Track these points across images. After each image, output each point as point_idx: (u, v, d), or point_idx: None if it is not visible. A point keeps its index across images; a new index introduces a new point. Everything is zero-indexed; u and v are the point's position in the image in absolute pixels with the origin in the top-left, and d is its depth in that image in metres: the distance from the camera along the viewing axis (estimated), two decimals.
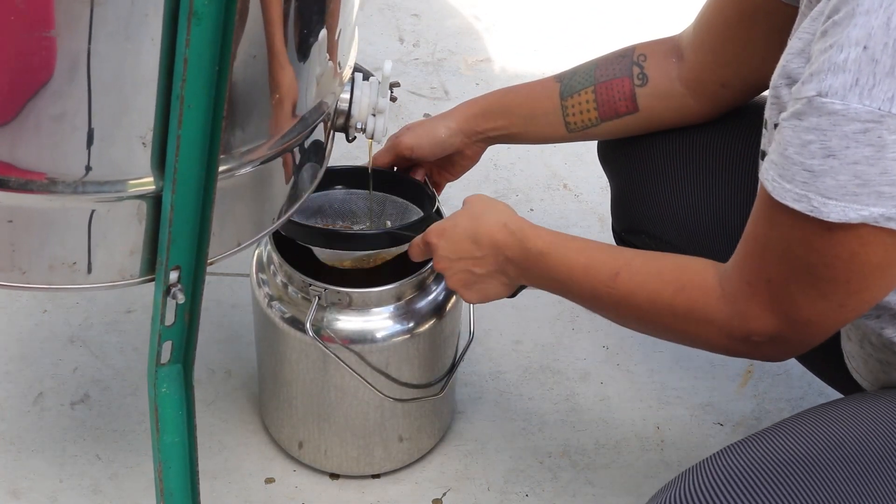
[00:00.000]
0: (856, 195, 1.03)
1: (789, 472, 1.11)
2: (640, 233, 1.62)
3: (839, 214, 1.04)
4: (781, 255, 1.12)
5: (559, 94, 1.55)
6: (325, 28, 1.17)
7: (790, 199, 1.07)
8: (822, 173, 1.04)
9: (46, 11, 0.97)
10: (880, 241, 1.06)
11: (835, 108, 1.01)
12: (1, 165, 1.06)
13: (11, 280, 1.14)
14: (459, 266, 1.39)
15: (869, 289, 1.11)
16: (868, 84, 1.00)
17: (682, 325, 1.22)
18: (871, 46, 1.00)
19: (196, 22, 0.93)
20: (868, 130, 1.01)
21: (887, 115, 1.00)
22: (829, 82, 1.02)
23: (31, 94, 1.01)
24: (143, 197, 1.10)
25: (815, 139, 1.03)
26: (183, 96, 0.97)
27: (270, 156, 1.19)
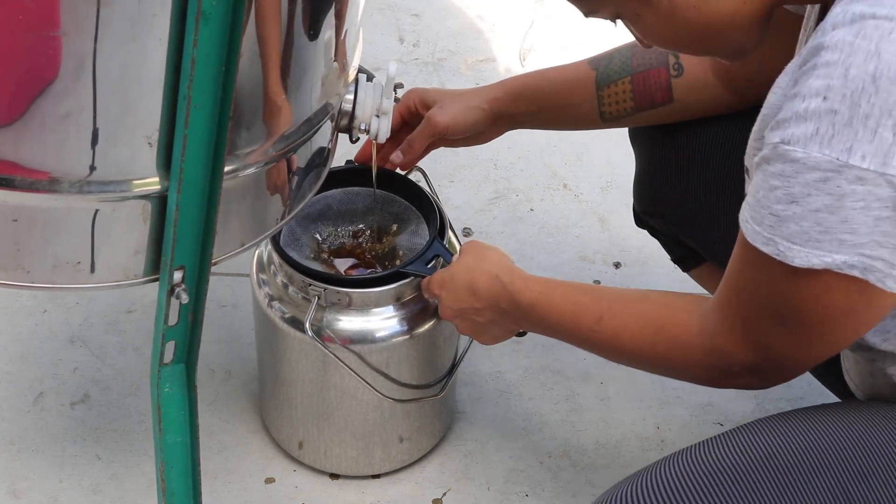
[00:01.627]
0: (819, 242, 1.05)
1: (716, 481, 1.14)
2: (658, 216, 1.63)
3: (803, 260, 1.06)
4: (753, 294, 1.14)
5: (595, 83, 1.55)
6: (331, 29, 1.17)
7: (759, 241, 1.09)
8: (786, 219, 1.06)
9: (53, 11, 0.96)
10: (843, 288, 1.07)
11: (797, 156, 1.03)
12: (6, 164, 1.06)
13: (16, 279, 1.14)
14: (464, 316, 1.46)
15: (834, 332, 1.13)
16: (827, 134, 1.02)
17: (666, 363, 1.27)
18: (830, 97, 1.01)
19: (204, 22, 0.93)
20: (827, 179, 1.02)
21: (845, 165, 1.01)
22: (791, 130, 1.03)
23: (38, 94, 1.01)
24: (148, 197, 1.10)
25: (780, 185, 1.05)
26: (190, 96, 0.97)
27: (275, 157, 1.19)
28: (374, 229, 1.63)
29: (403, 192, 1.63)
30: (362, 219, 1.64)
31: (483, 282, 1.41)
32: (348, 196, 1.65)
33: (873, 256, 1.05)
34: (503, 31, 2.56)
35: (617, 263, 2.04)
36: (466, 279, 1.43)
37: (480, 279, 1.42)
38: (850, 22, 1.02)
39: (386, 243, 1.62)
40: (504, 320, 1.43)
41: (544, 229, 2.09)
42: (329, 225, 1.64)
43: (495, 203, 2.15)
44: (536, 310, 1.37)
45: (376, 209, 1.64)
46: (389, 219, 1.64)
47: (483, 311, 1.43)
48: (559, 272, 2.01)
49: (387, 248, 1.62)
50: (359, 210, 1.65)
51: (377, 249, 1.62)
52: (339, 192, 1.64)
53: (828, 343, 1.15)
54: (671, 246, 1.70)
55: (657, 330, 1.25)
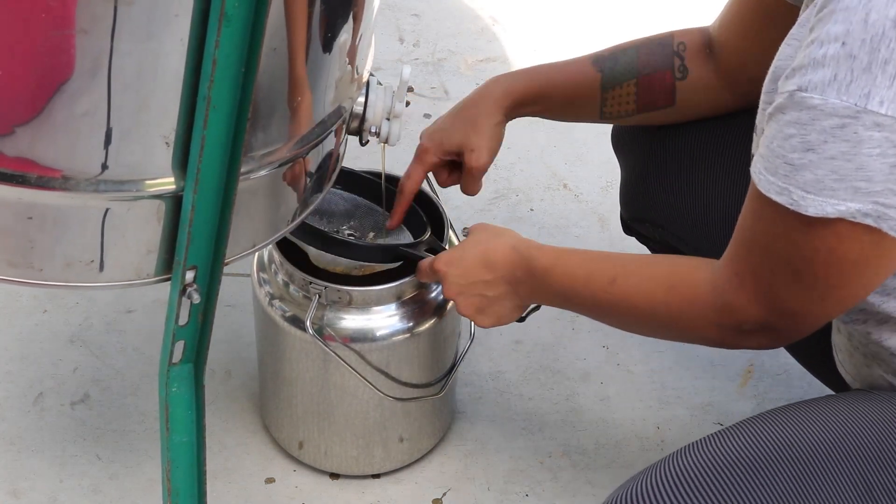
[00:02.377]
0: (833, 190, 1.05)
1: (734, 472, 1.13)
2: (646, 221, 1.63)
3: (816, 209, 1.06)
4: (765, 248, 1.14)
5: (600, 84, 1.54)
6: (348, 32, 1.17)
7: (773, 191, 1.09)
8: (801, 167, 1.06)
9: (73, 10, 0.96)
10: (857, 238, 1.08)
11: (814, 102, 1.03)
12: (23, 162, 1.05)
13: (28, 277, 1.14)
14: (471, 291, 1.42)
15: (847, 285, 1.13)
16: (846, 80, 1.02)
17: (678, 322, 1.26)
18: (849, 42, 1.01)
19: (227, 23, 0.93)
20: (845, 126, 1.02)
21: (863, 111, 1.01)
22: (809, 77, 1.03)
23: (57, 92, 1.01)
24: (163, 196, 1.10)
25: (796, 133, 1.05)
26: (209, 97, 0.97)
27: (288, 158, 1.19)
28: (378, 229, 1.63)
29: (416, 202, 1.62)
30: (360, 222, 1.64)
31: (499, 252, 1.40)
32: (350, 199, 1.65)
33: (887, 205, 1.05)
34: (503, 31, 2.57)
35: None
36: (479, 252, 1.41)
37: (496, 250, 1.40)
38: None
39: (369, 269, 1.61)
40: (515, 293, 1.40)
41: (544, 229, 2.09)
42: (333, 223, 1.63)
43: (495, 203, 2.15)
44: (551, 274, 1.35)
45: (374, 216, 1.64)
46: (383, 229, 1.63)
47: (494, 284, 1.40)
48: None
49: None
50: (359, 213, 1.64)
51: None
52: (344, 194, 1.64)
53: (841, 297, 1.14)
54: (661, 251, 1.70)
55: (669, 289, 1.25)
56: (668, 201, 1.57)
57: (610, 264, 1.32)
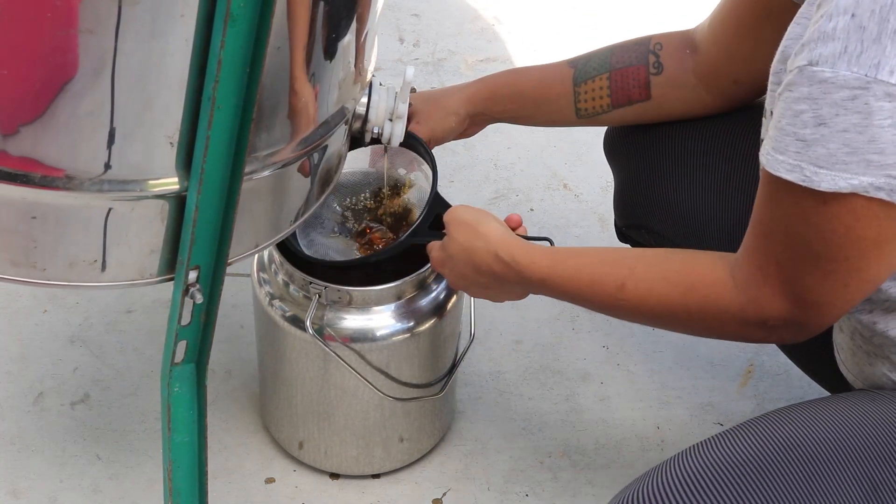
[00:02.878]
0: (846, 164, 1.04)
1: (741, 473, 1.13)
2: (640, 228, 1.62)
3: (829, 184, 1.05)
4: (784, 234, 1.13)
5: (573, 79, 1.55)
6: (352, 33, 1.17)
7: (783, 170, 1.08)
8: (813, 142, 1.05)
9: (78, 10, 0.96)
10: (873, 215, 1.07)
11: (825, 75, 1.03)
12: (28, 161, 1.05)
13: (31, 276, 1.14)
14: (473, 288, 1.43)
15: (868, 267, 1.12)
16: (856, 51, 1.01)
17: (698, 322, 1.24)
18: (859, 14, 1.01)
19: (232, 23, 0.93)
20: (856, 97, 1.02)
21: (873, 80, 1.01)
22: (819, 51, 1.03)
23: (62, 92, 1.00)
24: (166, 196, 1.10)
25: (807, 108, 1.05)
26: (215, 97, 0.97)
27: (292, 159, 1.19)
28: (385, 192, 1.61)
29: None
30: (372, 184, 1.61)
31: (483, 260, 1.36)
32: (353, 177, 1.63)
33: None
34: (503, 31, 2.57)
35: None
36: (465, 258, 1.38)
37: (479, 257, 1.37)
38: None
39: (401, 201, 1.60)
40: (511, 289, 1.40)
41: (544, 229, 2.09)
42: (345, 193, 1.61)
43: (495, 203, 2.15)
44: (549, 284, 1.33)
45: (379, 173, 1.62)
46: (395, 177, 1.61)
47: (490, 285, 1.40)
48: None
49: (401, 206, 1.60)
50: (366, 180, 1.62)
51: (394, 208, 1.60)
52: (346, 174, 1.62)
53: (863, 280, 1.13)
54: None
55: (687, 290, 1.23)
56: (661, 207, 1.56)
57: (615, 267, 1.29)
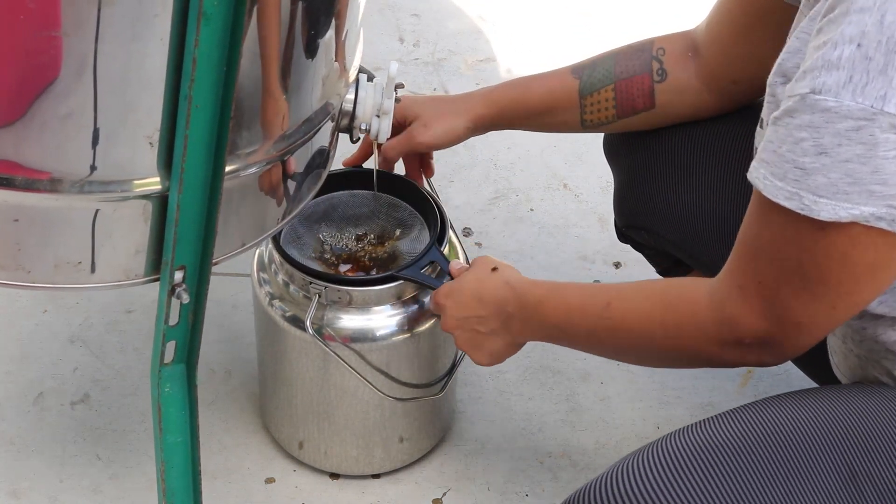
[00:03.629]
0: (847, 194, 1.04)
1: (721, 455, 1.13)
2: (640, 229, 1.62)
3: (830, 213, 1.05)
4: (773, 255, 1.12)
5: (578, 91, 1.54)
6: (332, 29, 1.17)
7: (782, 197, 1.07)
8: (813, 171, 1.04)
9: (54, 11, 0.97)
10: (871, 242, 1.06)
11: (828, 105, 1.02)
12: (8, 164, 1.06)
13: (16, 279, 1.14)
14: (466, 326, 1.42)
15: (860, 291, 1.11)
16: (861, 81, 1.01)
17: (676, 341, 1.23)
18: (865, 44, 1.00)
19: (205, 22, 0.93)
20: (860, 128, 1.01)
21: (879, 112, 1.00)
22: (822, 79, 1.02)
23: (39, 93, 1.01)
24: (149, 197, 1.10)
25: (808, 136, 1.04)
26: (191, 96, 0.97)
27: (276, 157, 1.19)
28: (376, 233, 1.63)
29: (407, 196, 1.63)
30: (365, 222, 1.64)
31: (491, 288, 1.39)
32: (354, 199, 1.65)
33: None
34: (503, 31, 2.56)
35: (617, 263, 2.04)
36: (474, 287, 1.41)
37: (489, 285, 1.40)
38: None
39: (387, 247, 1.62)
40: (507, 329, 1.39)
41: (544, 229, 2.09)
42: (332, 226, 1.64)
43: (495, 203, 2.15)
44: (544, 306, 1.34)
45: (380, 213, 1.64)
46: (392, 223, 1.63)
47: (487, 320, 1.40)
48: (559, 272, 2.01)
49: (388, 252, 1.62)
50: (363, 214, 1.64)
51: (378, 253, 1.62)
52: (346, 195, 1.64)
53: (852, 303, 1.12)
54: (656, 258, 1.70)
55: (666, 307, 1.23)
56: (662, 208, 1.56)
57: (604, 290, 1.31)
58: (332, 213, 1.64)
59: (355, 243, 1.62)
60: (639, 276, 1.99)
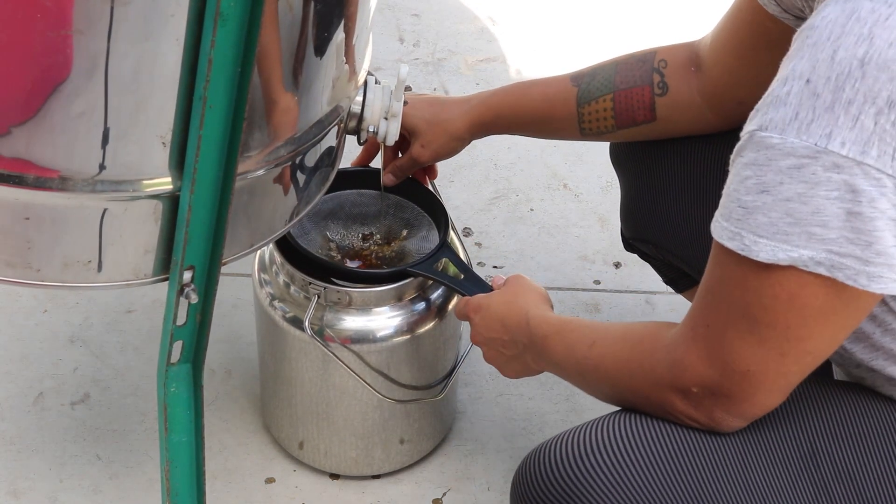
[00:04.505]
0: (787, 234, 1.01)
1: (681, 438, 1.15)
2: (648, 242, 1.61)
3: (768, 254, 1.02)
4: (721, 297, 1.08)
5: (576, 100, 1.52)
6: (344, 31, 1.17)
7: (725, 237, 1.05)
8: (754, 209, 1.02)
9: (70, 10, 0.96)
10: (819, 283, 1.02)
11: (772, 142, 0.99)
12: (20, 163, 1.05)
13: (26, 277, 1.14)
14: (492, 346, 1.42)
15: (811, 337, 1.06)
16: (807, 119, 0.98)
17: (634, 383, 1.18)
18: (814, 80, 0.98)
19: (222, 23, 0.93)
20: (802, 167, 0.98)
21: (823, 151, 0.97)
22: (770, 116, 1.00)
23: (53, 93, 1.01)
24: (160, 196, 1.10)
25: (752, 174, 1.01)
26: (206, 97, 0.97)
27: (286, 158, 1.19)
28: (383, 233, 1.63)
29: (414, 196, 1.63)
30: (373, 222, 1.64)
31: (513, 317, 1.37)
32: (362, 198, 1.65)
33: (842, 253, 1.01)
34: (503, 31, 2.57)
35: (617, 263, 2.04)
36: (501, 311, 1.40)
37: (511, 313, 1.38)
38: (845, 1, 0.98)
39: (394, 246, 1.62)
40: (524, 356, 1.38)
41: (544, 229, 2.09)
42: (340, 224, 1.64)
43: (495, 203, 2.15)
44: (547, 342, 1.31)
45: (388, 213, 1.64)
46: (400, 223, 1.63)
47: (508, 345, 1.39)
48: (559, 272, 2.01)
49: (395, 251, 1.62)
50: (370, 213, 1.64)
51: (385, 252, 1.62)
52: (354, 194, 1.65)
53: (804, 351, 1.07)
54: (662, 269, 1.69)
55: (633, 348, 1.19)
56: (668, 223, 1.55)
57: (594, 329, 1.27)
58: (338, 212, 1.64)
59: (362, 242, 1.62)
60: (639, 276, 2.00)
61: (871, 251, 1.00)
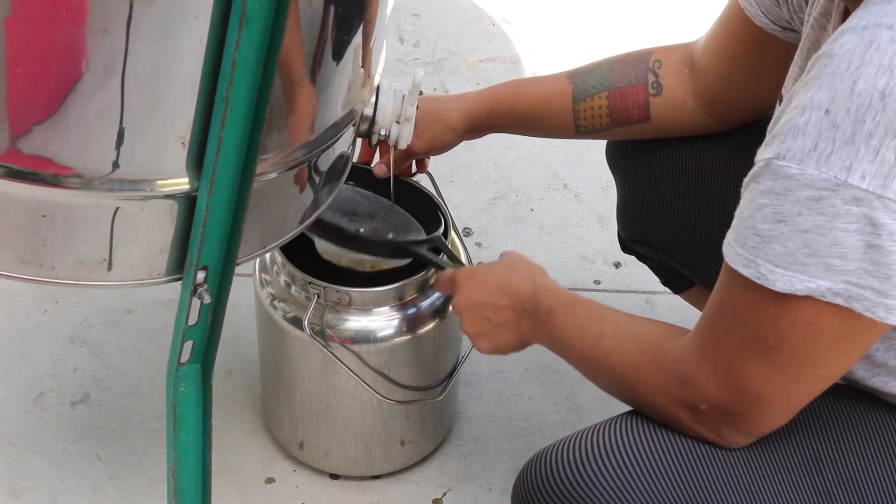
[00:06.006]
0: (804, 265, 1.00)
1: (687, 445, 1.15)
2: (645, 244, 1.62)
3: (785, 284, 1.01)
4: (733, 320, 1.08)
5: (572, 96, 1.53)
6: (362, 35, 1.17)
7: (740, 263, 1.04)
8: (771, 239, 1.01)
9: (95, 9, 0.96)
10: (833, 313, 1.02)
11: (790, 172, 0.98)
12: (40, 160, 1.05)
13: (39, 275, 1.13)
14: (478, 311, 1.38)
15: (826, 363, 1.06)
16: (826, 150, 0.96)
17: (641, 388, 1.18)
18: (834, 111, 0.96)
19: (247, 24, 0.93)
20: (821, 199, 0.97)
21: (843, 184, 0.96)
22: (787, 145, 0.98)
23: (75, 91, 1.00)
24: (176, 196, 1.10)
25: (769, 203, 1.00)
26: (228, 98, 0.97)
27: (301, 160, 1.19)
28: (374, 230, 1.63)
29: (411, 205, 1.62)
30: (363, 221, 1.63)
31: (518, 281, 1.35)
32: (356, 196, 1.64)
33: (861, 285, 1.00)
34: (503, 31, 2.57)
35: (617, 263, 2.05)
36: (503, 275, 1.37)
37: (517, 278, 1.36)
38: (863, 29, 0.97)
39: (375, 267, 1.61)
40: (518, 326, 1.36)
41: (544, 229, 2.10)
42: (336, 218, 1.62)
43: (495, 203, 2.15)
44: (552, 317, 1.31)
45: (378, 215, 1.63)
46: (389, 227, 1.62)
47: (503, 311, 1.37)
48: (559, 272, 2.02)
49: None
50: (362, 211, 1.64)
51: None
52: (348, 189, 1.63)
53: (816, 377, 1.08)
54: (660, 270, 1.69)
55: (642, 351, 1.18)
56: (665, 225, 1.55)
57: (603, 319, 1.26)
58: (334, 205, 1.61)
59: None
60: (639, 276, 2.01)
61: (889, 284, 1.00)
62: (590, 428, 1.18)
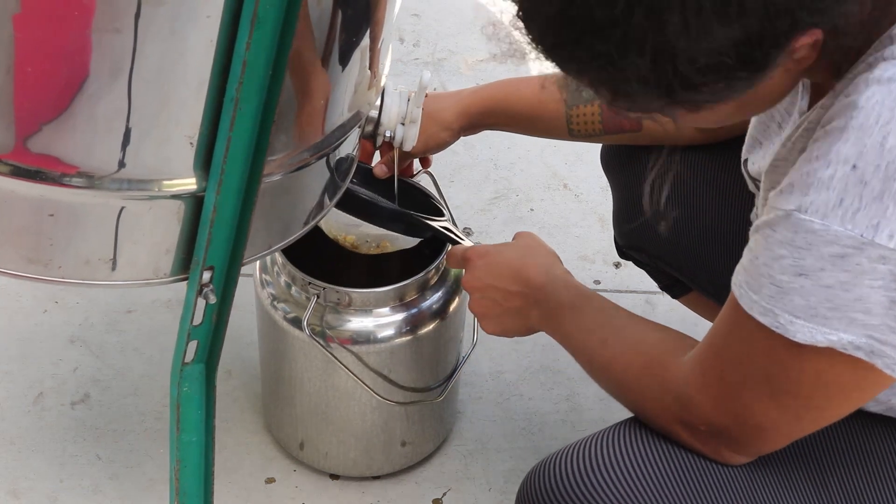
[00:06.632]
0: (826, 318, 0.98)
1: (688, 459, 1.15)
2: (641, 251, 1.62)
3: (806, 336, 0.99)
4: (740, 358, 1.06)
5: (565, 101, 1.53)
6: (370, 37, 1.17)
7: (756, 311, 1.01)
8: (791, 291, 0.98)
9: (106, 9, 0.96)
10: (848, 364, 1.01)
11: (813, 227, 0.95)
12: (47, 159, 1.05)
13: (45, 274, 1.13)
14: (488, 293, 1.36)
15: (831, 407, 1.06)
16: (853, 207, 0.94)
17: (642, 401, 1.18)
18: (862, 167, 0.93)
19: (258, 25, 0.93)
20: (846, 256, 0.95)
21: (869, 243, 0.94)
22: (811, 198, 0.95)
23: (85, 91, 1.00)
24: (184, 196, 1.10)
25: (788, 255, 0.97)
26: (237, 98, 0.97)
27: (308, 161, 1.19)
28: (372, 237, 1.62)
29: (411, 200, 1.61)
30: None
31: (533, 269, 1.33)
32: None
33: (883, 341, 0.99)
34: (503, 31, 2.57)
35: (617, 263, 2.05)
36: (516, 259, 1.35)
37: (530, 265, 1.34)
38: (889, 81, 0.94)
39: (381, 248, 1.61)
40: (527, 314, 1.34)
41: (544, 229, 2.10)
42: None
43: (495, 203, 2.16)
44: (563, 313, 1.30)
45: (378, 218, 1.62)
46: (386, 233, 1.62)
47: (513, 296, 1.34)
48: None
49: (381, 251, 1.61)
50: None
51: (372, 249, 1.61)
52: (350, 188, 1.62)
53: (820, 417, 1.07)
54: (657, 276, 1.69)
55: (645, 363, 1.17)
56: (657, 235, 1.52)
57: (609, 322, 1.25)
58: None
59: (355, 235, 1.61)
60: (639, 276, 2.00)
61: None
62: (594, 435, 1.18)
